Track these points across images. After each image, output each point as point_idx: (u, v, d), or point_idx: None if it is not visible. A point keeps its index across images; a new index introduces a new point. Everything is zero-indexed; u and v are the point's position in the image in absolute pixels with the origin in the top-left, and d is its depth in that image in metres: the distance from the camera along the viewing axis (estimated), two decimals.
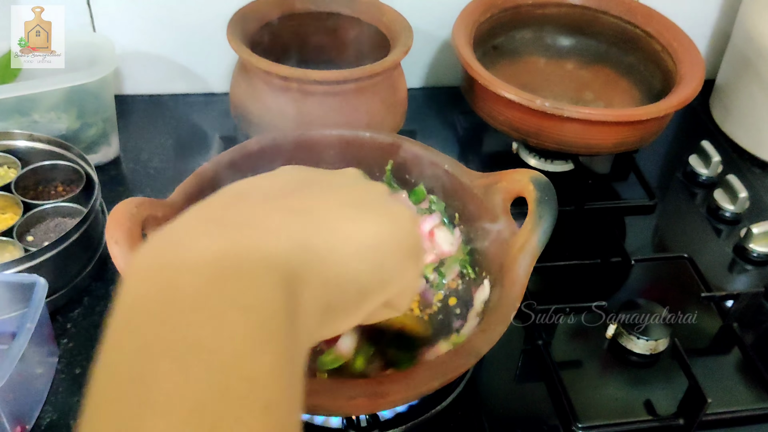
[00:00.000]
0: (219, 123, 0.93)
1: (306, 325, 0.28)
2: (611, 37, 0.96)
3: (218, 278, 0.26)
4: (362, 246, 0.34)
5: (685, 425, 0.64)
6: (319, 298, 0.30)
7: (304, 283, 0.29)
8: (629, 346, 0.69)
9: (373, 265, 0.34)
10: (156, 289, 0.26)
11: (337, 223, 0.33)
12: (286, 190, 0.34)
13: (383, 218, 0.36)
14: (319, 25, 0.89)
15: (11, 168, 0.77)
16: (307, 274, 0.29)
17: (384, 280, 0.35)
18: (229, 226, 0.29)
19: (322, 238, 0.31)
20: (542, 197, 0.57)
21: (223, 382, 0.23)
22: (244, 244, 0.28)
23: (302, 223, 0.31)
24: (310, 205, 0.33)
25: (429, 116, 1.00)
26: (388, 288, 0.36)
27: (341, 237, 0.32)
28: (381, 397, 0.49)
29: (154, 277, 0.26)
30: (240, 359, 0.24)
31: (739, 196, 0.85)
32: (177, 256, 0.27)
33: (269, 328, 0.26)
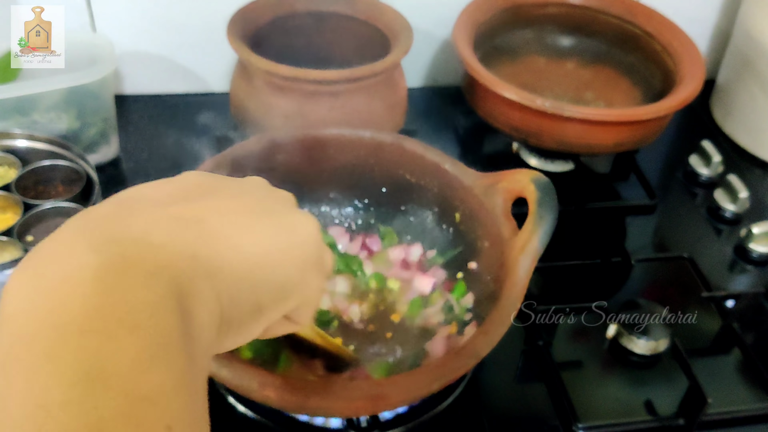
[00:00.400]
0: (219, 123, 0.92)
1: (202, 340, 0.27)
2: (612, 37, 0.96)
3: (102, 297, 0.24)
4: (258, 257, 0.32)
5: (685, 425, 0.64)
6: (213, 312, 0.29)
7: (195, 297, 0.27)
8: (630, 346, 0.69)
9: (270, 277, 0.32)
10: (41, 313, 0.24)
11: (231, 232, 0.31)
12: (178, 196, 0.32)
13: (282, 228, 0.34)
14: (319, 25, 0.89)
15: (11, 168, 0.77)
16: (198, 288, 0.28)
17: (282, 293, 0.33)
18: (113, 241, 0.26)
19: (213, 249, 0.29)
20: (543, 198, 0.57)
21: (122, 406, 0.23)
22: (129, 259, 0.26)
23: (192, 233, 0.29)
24: (203, 213, 0.31)
25: (429, 116, 1.00)
26: (287, 301, 0.34)
27: (235, 248, 0.31)
28: (381, 399, 0.49)
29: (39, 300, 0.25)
30: (135, 380, 0.23)
31: (740, 196, 0.85)
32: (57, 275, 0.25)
33: (162, 346, 0.25)
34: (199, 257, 0.28)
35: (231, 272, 0.30)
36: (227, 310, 0.30)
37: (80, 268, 0.25)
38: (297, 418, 0.59)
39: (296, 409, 0.53)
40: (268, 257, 0.32)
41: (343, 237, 0.71)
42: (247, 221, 0.33)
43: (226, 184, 0.36)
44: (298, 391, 0.48)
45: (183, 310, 0.26)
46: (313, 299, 0.37)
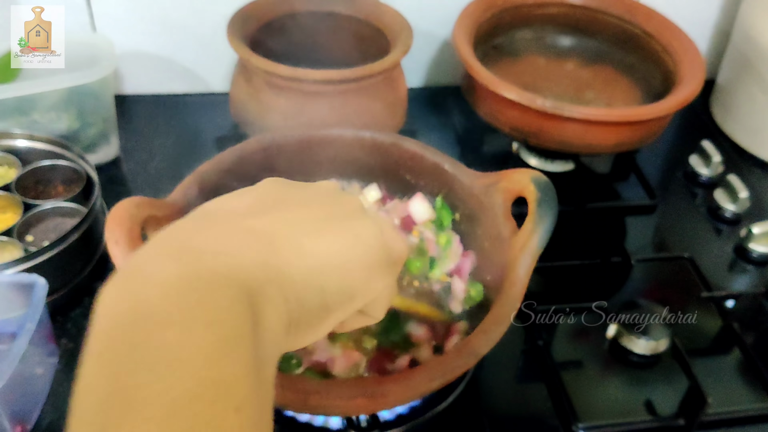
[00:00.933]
0: (219, 123, 0.93)
1: (271, 337, 0.30)
2: (612, 37, 0.96)
3: (183, 297, 0.28)
4: (324, 263, 0.35)
5: (685, 425, 0.64)
6: (282, 313, 0.32)
7: (265, 300, 0.30)
8: (629, 346, 0.69)
9: (336, 281, 0.35)
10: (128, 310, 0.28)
11: (298, 240, 0.34)
12: (253, 208, 0.36)
13: (347, 234, 0.37)
14: (319, 25, 0.89)
15: (11, 168, 0.77)
16: (267, 292, 0.31)
17: (348, 294, 0.36)
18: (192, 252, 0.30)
19: (282, 257, 0.33)
20: (543, 197, 0.57)
21: (195, 388, 0.25)
22: (206, 267, 0.30)
23: (263, 243, 0.33)
24: (273, 224, 0.34)
25: (429, 116, 1.00)
26: (354, 302, 0.37)
27: (302, 255, 0.34)
28: (381, 397, 0.49)
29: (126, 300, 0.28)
30: (208, 367, 0.26)
31: (740, 196, 0.85)
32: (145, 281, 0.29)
33: (233, 339, 0.28)
34: (268, 265, 0.32)
35: (298, 277, 0.33)
36: (295, 312, 0.33)
37: (161, 273, 0.29)
38: (297, 418, 0.59)
39: (296, 408, 0.53)
40: (333, 262, 0.35)
41: None
42: (314, 229, 0.36)
43: (297, 192, 0.39)
44: (298, 390, 0.48)
45: (253, 311, 0.29)
46: (383, 296, 0.40)
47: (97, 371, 0.27)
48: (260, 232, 0.33)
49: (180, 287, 0.28)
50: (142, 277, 0.29)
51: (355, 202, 0.40)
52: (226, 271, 0.30)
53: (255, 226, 0.34)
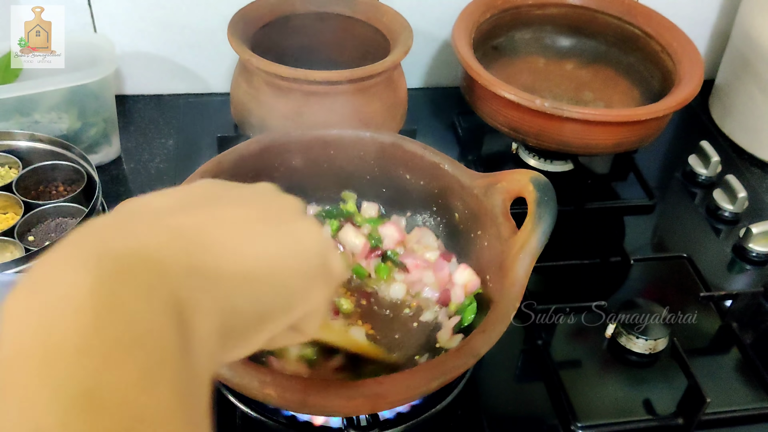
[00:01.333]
0: (219, 123, 0.93)
1: (203, 353, 0.27)
2: (611, 38, 0.96)
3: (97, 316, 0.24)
4: (260, 268, 0.31)
5: (684, 425, 0.64)
6: (215, 323, 0.28)
7: (195, 309, 0.27)
8: (629, 345, 0.69)
9: (273, 287, 0.32)
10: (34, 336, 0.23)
11: (232, 242, 0.30)
12: (180, 206, 0.31)
13: (286, 237, 0.33)
14: (320, 26, 0.89)
15: (12, 168, 0.77)
16: (198, 300, 0.27)
17: (286, 304, 0.33)
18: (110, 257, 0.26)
19: (213, 260, 0.29)
20: (542, 198, 0.57)
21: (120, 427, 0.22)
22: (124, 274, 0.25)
23: (192, 244, 0.29)
24: (203, 222, 0.30)
25: (429, 116, 1.00)
26: (291, 312, 0.34)
27: (236, 258, 0.30)
28: (381, 398, 0.49)
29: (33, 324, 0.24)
30: (134, 402, 0.23)
31: (738, 196, 0.85)
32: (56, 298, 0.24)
33: (160, 364, 0.24)
34: (198, 268, 0.28)
35: (232, 283, 0.30)
36: (229, 321, 0.29)
37: (75, 286, 0.24)
38: (297, 417, 0.59)
39: (296, 408, 0.54)
40: (271, 267, 0.32)
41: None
42: (250, 230, 0.32)
43: (232, 191, 0.35)
44: (299, 390, 0.48)
45: (182, 323, 0.26)
46: (319, 309, 0.36)
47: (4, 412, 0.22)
48: (189, 231, 0.29)
49: (95, 302, 0.24)
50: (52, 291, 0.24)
51: (295, 204, 0.37)
52: (149, 277, 0.26)
53: (183, 224, 0.29)
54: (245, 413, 0.59)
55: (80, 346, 0.23)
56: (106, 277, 0.25)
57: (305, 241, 0.34)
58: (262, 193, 0.37)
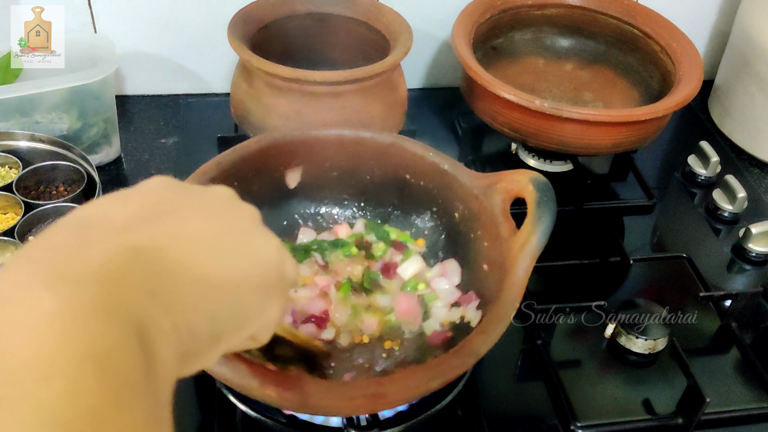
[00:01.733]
0: (219, 123, 0.93)
1: (164, 372, 0.27)
2: (610, 38, 0.96)
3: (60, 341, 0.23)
4: (217, 287, 0.31)
5: (683, 424, 0.64)
6: (174, 345, 0.28)
7: (155, 333, 0.27)
8: (628, 345, 0.69)
9: (228, 307, 0.32)
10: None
11: (189, 261, 0.30)
12: (137, 217, 0.31)
13: (242, 253, 0.34)
14: (320, 26, 0.89)
15: (12, 168, 0.77)
16: (157, 323, 0.27)
17: (241, 321, 0.33)
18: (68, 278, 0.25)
19: (172, 283, 0.29)
20: (541, 198, 0.57)
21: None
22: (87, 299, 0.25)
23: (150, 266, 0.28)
24: (161, 240, 0.30)
25: (429, 116, 1.00)
26: (246, 328, 0.34)
27: (193, 280, 0.30)
28: (380, 398, 0.49)
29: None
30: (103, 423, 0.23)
31: (738, 196, 0.86)
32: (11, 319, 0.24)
33: (126, 387, 0.24)
34: (157, 292, 0.28)
35: (189, 305, 0.30)
36: (186, 342, 0.29)
37: (36, 310, 0.24)
38: (297, 417, 0.59)
39: (296, 408, 0.54)
40: (227, 286, 0.32)
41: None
42: (206, 247, 0.32)
43: (188, 198, 0.35)
44: (299, 390, 0.48)
45: (144, 347, 0.26)
46: (273, 320, 0.37)
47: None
48: (147, 251, 0.29)
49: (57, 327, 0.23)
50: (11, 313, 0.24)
51: (251, 215, 0.37)
52: (111, 302, 0.25)
53: (141, 243, 0.29)
54: (245, 413, 0.59)
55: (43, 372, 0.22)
56: (68, 301, 0.24)
57: (261, 256, 0.35)
58: (219, 203, 0.36)
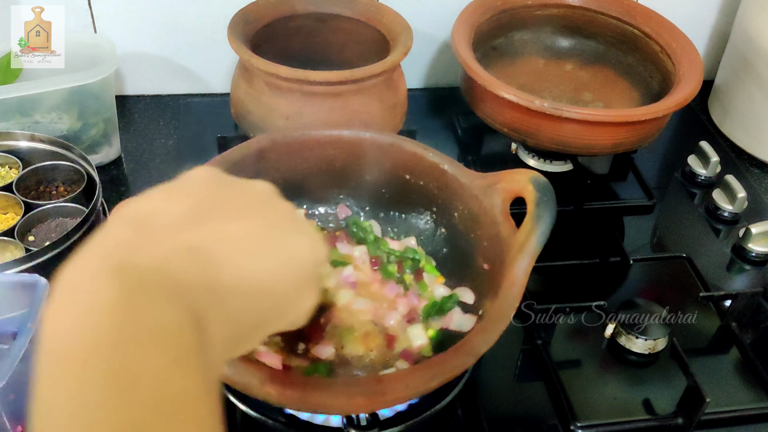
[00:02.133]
0: (219, 123, 0.93)
1: (214, 355, 0.32)
2: (610, 38, 0.96)
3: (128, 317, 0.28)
4: (259, 282, 0.35)
5: (683, 424, 0.64)
6: (223, 333, 0.33)
7: (208, 321, 0.31)
8: (628, 345, 0.69)
9: (269, 300, 0.36)
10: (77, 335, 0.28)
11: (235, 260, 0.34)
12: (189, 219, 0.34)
13: (283, 250, 0.37)
14: (319, 26, 0.89)
15: (12, 168, 0.77)
16: (210, 313, 0.32)
17: (280, 312, 0.38)
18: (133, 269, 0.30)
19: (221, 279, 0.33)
20: (541, 198, 0.57)
21: (153, 402, 0.26)
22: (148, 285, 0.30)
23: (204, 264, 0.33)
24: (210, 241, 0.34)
25: (429, 116, 1.00)
26: (284, 319, 0.38)
27: (239, 276, 0.34)
28: (380, 396, 0.49)
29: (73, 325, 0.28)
30: (163, 383, 0.27)
31: (738, 197, 0.86)
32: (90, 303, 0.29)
33: (184, 356, 0.29)
34: (209, 285, 0.32)
35: (236, 298, 0.34)
36: (233, 330, 0.34)
37: (107, 294, 0.29)
38: (298, 417, 0.59)
39: (296, 406, 0.54)
40: (269, 281, 0.36)
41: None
42: (250, 247, 0.36)
43: (231, 196, 0.38)
44: (299, 388, 0.48)
45: (199, 331, 0.30)
46: (308, 308, 0.40)
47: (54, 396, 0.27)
48: (199, 250, 0.33)
49: (125, 306, 0.28)
50: (86, 297, 0.29)
51: (289, 212, 0.40)
52: (170, 290, 0.30)
53: (193, 243, 0.33)
54: (245, 413, 0.59)
55: (115, 340, 0.27)
56: (133, 286, 0.29)
57: (300, 253, 0.38)
58: (260, 200, 0.39)
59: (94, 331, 0.27)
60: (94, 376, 0.26)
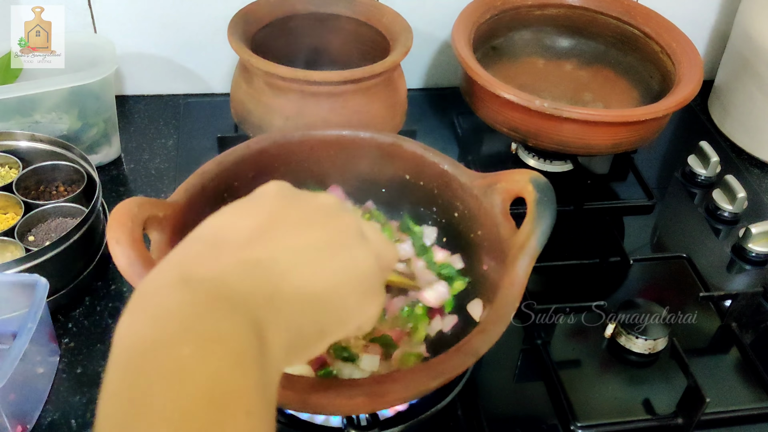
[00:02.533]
0: (219, 123, 0.93)
1: (273, 359, 0.33)
2: (610, 38, 0.96)
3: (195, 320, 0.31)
4: (322, 293, 0.37)
5: (683, 424, 0.64)
6: (283, 340, 0.34)
7: (268, 328, 0.33)
8: (628, 345, 0.69)
9: (332, 310, 0.38)
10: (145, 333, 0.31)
11: (298, 271, 0.36)
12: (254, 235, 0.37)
13: (344, 263, 0.39)
14: (320, 27, 0.89)
15: (12, 168, 0.77)
16: (271, 321, 0.34)
17: (342, 320, 0.39)
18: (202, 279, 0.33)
19: (282, 289, 0.35)
20: (541, 198, 0.57)
21: (209, 395, 0.29)
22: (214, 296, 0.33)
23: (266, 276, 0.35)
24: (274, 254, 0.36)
25: (429, 116, 1.00)
26: (346, 327, 0.40)
27: (302, 286, 0.36)
28: (380, 397, 0.49)
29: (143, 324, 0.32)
30: (221, 378, 0.29)
31: (738, 196, 0.86)
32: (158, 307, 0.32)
33: (242, 356, 0.31)
34: (271, 296, 0.35)
35: (297, 308, 0.36)
36: (294, 338, 0.36)
37: (172, 301, 0.32)
38: (298, 417, 0.59)
39: (296, 406, 0.54)
40: (330, 291, 0.38)
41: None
42: (313, 258, 0.38)
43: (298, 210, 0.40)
44: (299, 389, 0.48)
45: (259, 337, 0.32)
46: (372, 316, 0.42)
47: (120, 384, 0.30)
48: (263, 265, 0.35)
49: (191, 312, 0.31)
50: (155, 304, 0.32)
51: (353, 225, 0.41)
52: (234, 300, 0.33)
53: (258, 258, 0.36)
54: None
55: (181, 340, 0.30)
56: (201, 296, 0.32)
57: (361, 266, 0.40)
58: (324, 213, 0.41)
59: (159, 332, 0.30)
60: (154, 368, 0.29)
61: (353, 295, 0.39)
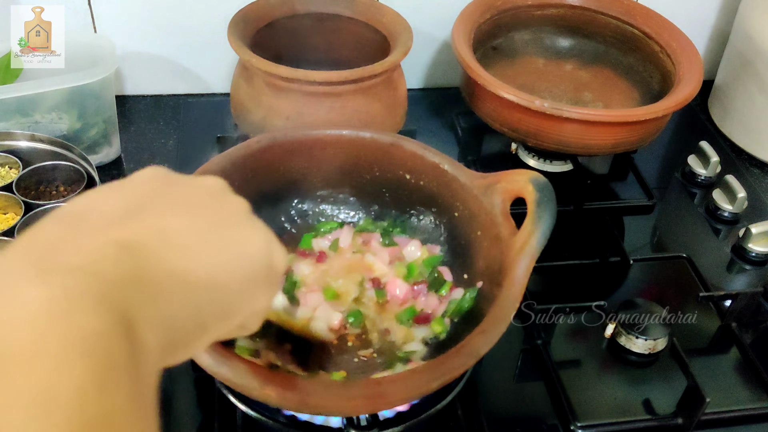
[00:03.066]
0: (219, 123, 0.93)
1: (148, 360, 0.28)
2: (610, 38, 0.96)
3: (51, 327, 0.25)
4: (202, 280, 0.32)
5: (683, 424, 0.64)
6: (158, 336, 0.29)
7: (141, 323, 0.28)
8: (628, 345, 0.69)
9: (214, 299, 0.33)
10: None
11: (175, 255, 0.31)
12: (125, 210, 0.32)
13: (229, 245, 0.34)
14: (320, 26, 0.89)
15: (12, 168, 0.77)
16: (143, 314, 0.29)
17: (226, 312, 0.34)
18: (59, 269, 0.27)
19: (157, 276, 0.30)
20: (541, 198, 0.57)
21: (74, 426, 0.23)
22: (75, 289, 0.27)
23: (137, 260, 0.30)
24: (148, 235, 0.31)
25: (429, 116, 1.00)
26: (232, 318, 0.35)
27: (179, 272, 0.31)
28: (380, 398, 0.49)
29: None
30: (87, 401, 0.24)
31: (738, 197, 0.86)
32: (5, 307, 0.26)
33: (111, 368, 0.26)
34: (142, 283, 0.29)
35: (175, 297, 0.31)
36: (171, 332, 0.30)
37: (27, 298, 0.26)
38: (298, 417, 0.59)
39: (296, 408, 0.54)
40: (213, 278, 0.33)
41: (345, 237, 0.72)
42: (194, 241, 0.33)
43: (178, 190, 0.35)
44: (299, 390, 0.48)
45: (129, 335, 0.27)
46: (261, 310, 0.38)
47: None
48: (135, 245, 0.30)
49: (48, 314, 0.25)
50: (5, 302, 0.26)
51: (240, 206, 0.37)
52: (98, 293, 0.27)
53: (128, 238, 0.30)
54: (245, 413, 0.59)
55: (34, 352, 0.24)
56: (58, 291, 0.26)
57: (250, 247, 0.35)
58: (208, 195, 0.36)
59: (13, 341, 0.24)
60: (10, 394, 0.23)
61: (239, 284, 0.34)
